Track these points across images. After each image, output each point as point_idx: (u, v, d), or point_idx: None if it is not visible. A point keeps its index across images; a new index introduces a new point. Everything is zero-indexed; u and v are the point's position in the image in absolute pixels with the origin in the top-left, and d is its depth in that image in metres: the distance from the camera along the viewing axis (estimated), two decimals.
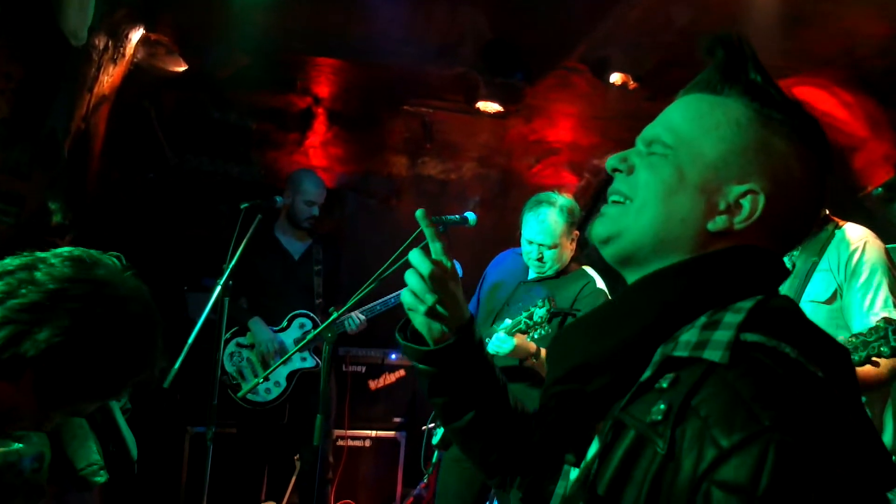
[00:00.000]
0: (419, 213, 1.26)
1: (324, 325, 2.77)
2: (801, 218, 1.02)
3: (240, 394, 2.90)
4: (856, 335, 2.07)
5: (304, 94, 5.15)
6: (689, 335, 0.89)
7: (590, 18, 3.53)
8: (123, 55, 3.70)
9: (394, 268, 2.67)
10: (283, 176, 4.89)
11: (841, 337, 2.22)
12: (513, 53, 4.23)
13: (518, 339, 3.03)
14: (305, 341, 2.80)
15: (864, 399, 2.35)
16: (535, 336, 3.04)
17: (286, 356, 2.85)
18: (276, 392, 4.07)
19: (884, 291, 2.39)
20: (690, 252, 0.98)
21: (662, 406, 0.84)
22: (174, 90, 4.86)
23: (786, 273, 1.02)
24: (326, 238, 4.54)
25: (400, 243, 2.40)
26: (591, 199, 5.77)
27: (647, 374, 0.90)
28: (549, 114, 5.16)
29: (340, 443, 4.82)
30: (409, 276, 1.21)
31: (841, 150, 4.38)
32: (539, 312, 3.00)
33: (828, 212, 2.59)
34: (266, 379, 2.95)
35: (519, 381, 3.15)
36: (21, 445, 2.31)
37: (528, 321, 3.02)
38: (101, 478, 3.02)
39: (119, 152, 4.57)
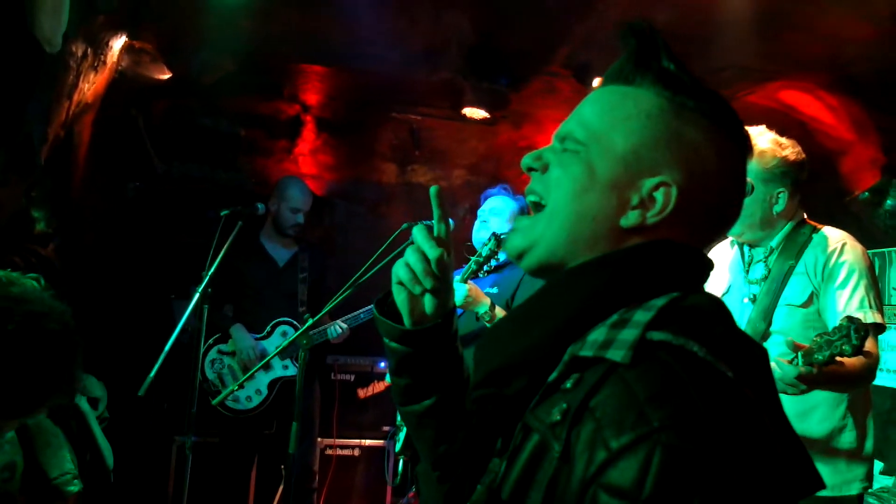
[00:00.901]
0: (433, 189, 1.21)
1: (299, 331, 2.75)
2: (719, 208, 0.99)
3: (214, 401, 2.88)
4: (820, 335, 2.04)
5: (292, 101, 5.15)
6: (597, 334, 0.86)
7: (568, 22, 3.51)
8: (105, 63, 3.69)
9: (370, 273, 2.66)
10: (272, 183, 4.89)
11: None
12: (497, 58, 4.23)
13: (469, 286, 3.09)
14: (279, 349, 2.77)
15: (845, 402, 2.36)
16: (487, 268, 3.17)
17: (260, 364, 2.83)
18: (257, 400, 4.05)
19: (860, 293, 2.36)
20: (604, 251, 0.96)
21: (564, 406, 0.81)
22: (162, 98, 4.86)
23: (708, 266, 0.98)
24: (313, 246, 4.54)
25: (389, 252, 2.37)
26: None
27: (554, 374, 0.87)
28: (537, 120, 5.15)
29: (329, 452, 4.79)
30: (411, 254, 1.17)
31: (827, 155, 4.35)
32: (487, 247, 3.14)
33: (805, 216, 2.56)
34: (241, 386, 2.94)
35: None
36: None
37: (479, 259, 3.15)
38: (75, 487, 2.98)
39: (106, 160, 4.56)
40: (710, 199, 0.96)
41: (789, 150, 2.47)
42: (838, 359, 1.99)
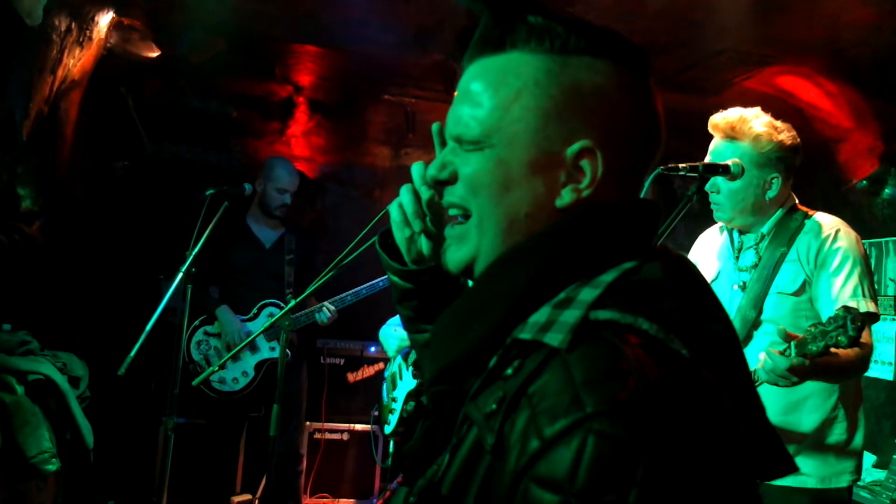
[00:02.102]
0: (435, 126, 1.16)
1: (281, 313, 2.70)
2: (643, 142, 0.91)
3: (194, 382, 2.84)
4: (815, 324, 1.98)
5: (284, 82, 5.08)
6: (539, 314, 0.80)
7: (560, 5, 3.44)
8: (91, 38, 3.62)
9: (354, 255, 2.61)
10: None
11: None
12: None
13: None
14: (260, 331, 2.73)
15: (836, 394, 2.32)
16: None
17: (240, 345, 2.78)
18: (243, 382, 4.02)
19: (854, 280, 2.31)
20: None
21: (500, 395, 0.75)
22: (153, 77, 4.80)
23: (653, 215, 0.91)
24: (300, 227, 4.49)
25: (375, 234, 2.32)
26: None
27: (493, 360, 0.80)
28: None
29: (318, 436, 4.77)
30: (405, 194, 1.14)
31: (825, 142, 4.29)
32: None
33: (797, 201, 2.51)
34: (223, 367, 2.89)
35: None
36: None
37: None
38: (53, 466, 2.97)
39: (94, 139, 4.51)
40: (632, 138, 0.89)
41: (785, 134, 2.41)
42: (832, 350, 1.93)
